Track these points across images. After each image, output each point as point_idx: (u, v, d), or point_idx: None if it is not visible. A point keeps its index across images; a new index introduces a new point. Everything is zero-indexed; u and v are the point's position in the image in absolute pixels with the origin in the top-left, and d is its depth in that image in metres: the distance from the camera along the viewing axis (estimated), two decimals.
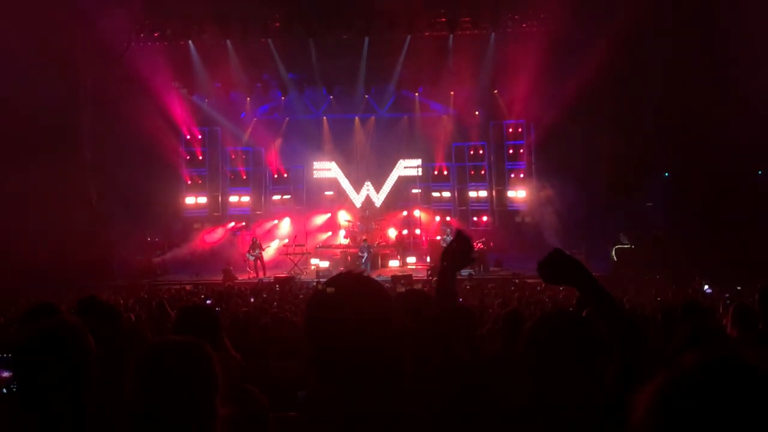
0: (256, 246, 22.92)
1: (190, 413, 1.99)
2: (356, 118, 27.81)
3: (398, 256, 24.79)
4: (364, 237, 23.46)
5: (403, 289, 12.90)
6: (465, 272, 21.43)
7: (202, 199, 27.39)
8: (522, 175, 26.71)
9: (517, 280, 18.08)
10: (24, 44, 18.21)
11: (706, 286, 15.48)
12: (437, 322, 2.76)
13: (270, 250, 24.47)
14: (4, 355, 2.50)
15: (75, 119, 22.75)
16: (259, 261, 22.74)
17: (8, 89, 18.47)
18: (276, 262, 24.21)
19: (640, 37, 20.68)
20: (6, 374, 2.45)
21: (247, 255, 22.89)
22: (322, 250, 25.14)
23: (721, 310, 7.04)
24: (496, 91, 26.44)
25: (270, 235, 26.02)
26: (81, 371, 2.39)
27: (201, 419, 2.00)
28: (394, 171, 27.84)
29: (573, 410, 2.23)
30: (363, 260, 22.53)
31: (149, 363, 2.04)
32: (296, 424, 3.19)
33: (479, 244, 23.09)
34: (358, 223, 24.84)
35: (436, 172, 27.93)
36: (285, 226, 27.04)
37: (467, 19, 23.27)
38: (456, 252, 2.88)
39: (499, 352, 4.90)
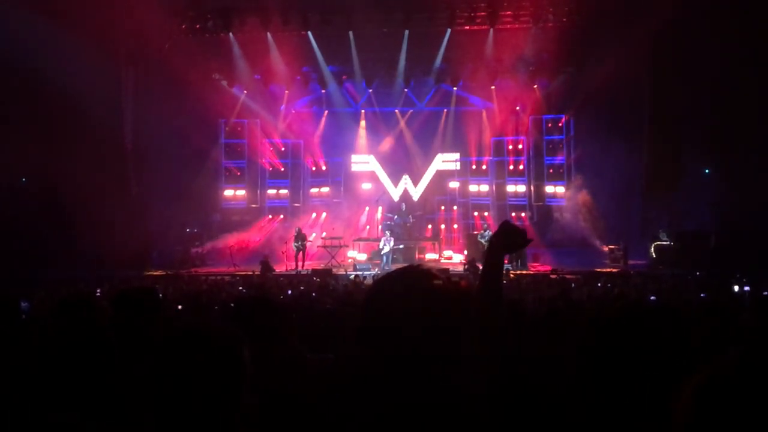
0: (301, 237, 22.96)
1: (212, 400, 1.98)
2: (395, 111, 27.83)
3: (435, 250, 24.79)
4: (387, 231, 23.21)
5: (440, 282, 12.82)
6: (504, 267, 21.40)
7: (241, 192, 27.57)
8: (561, 170, 26.51)
9: (554, 276, 17.85)
10: (68, 37, 18.47)
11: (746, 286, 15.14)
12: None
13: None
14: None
15: (117, 110, 23.04)
16: (301, 252, 22.79)
17: (57, 82, 18.80)
18: (314, 255, 24.32)
19: (680, 31, 20.34)
20: None
21: (293, 245, 22.92)
22: (360, 243, 25.21)
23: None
24: (536, 86, 26.24)
25: (308, 227, 26.10)
26: (107, 378, 2.41)
27: (223, 408, 1.99)
28: (432, 165, 27.82)
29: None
30: (382, 252, 22.44)
31: (174, 345, 2.04)
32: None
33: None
34: (395, 217, 24.83)
35: (474, 167, 27.83)
36: (323, 218, 27.18)
37: (508, 13, 23.12)
38: (500, 239, 2.64)
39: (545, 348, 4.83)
